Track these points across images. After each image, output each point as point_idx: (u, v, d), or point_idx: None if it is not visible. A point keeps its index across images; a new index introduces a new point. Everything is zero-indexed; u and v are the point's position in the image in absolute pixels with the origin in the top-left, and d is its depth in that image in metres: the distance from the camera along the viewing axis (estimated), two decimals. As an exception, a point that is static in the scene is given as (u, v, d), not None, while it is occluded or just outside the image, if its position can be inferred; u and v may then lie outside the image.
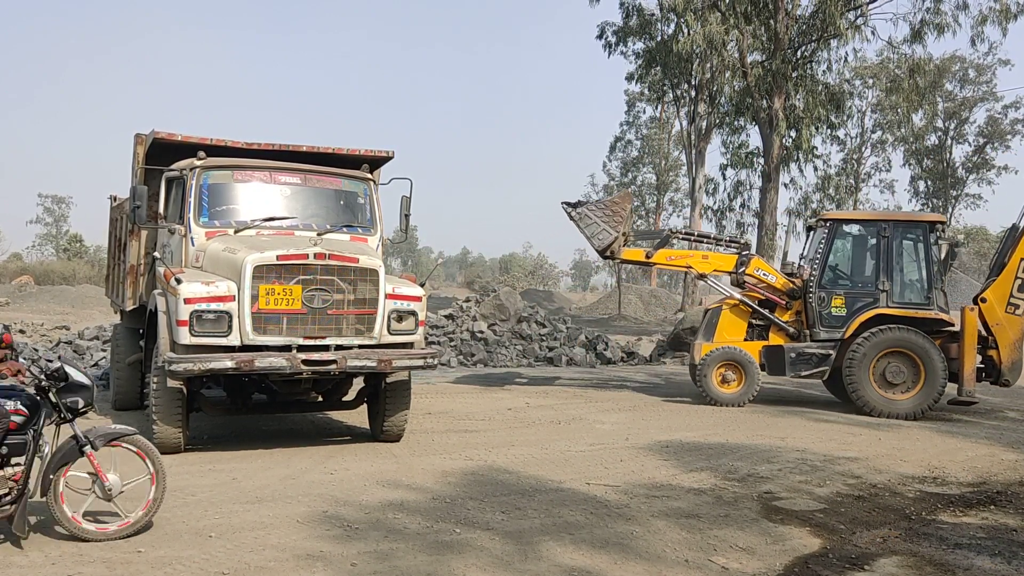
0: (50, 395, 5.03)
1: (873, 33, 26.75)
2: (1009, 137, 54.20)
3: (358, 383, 9.06)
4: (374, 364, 7.58)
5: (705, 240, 13.20)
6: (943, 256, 12.29)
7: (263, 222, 8.30)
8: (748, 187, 35.47)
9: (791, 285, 12.36)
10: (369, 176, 9.04)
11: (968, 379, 11.50)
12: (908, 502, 6.77)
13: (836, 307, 11.97)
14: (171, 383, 7.41)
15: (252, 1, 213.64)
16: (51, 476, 5.00)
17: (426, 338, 9.21)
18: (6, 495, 4.86)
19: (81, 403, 5.14)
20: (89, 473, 5.13)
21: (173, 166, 8.48)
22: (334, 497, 6.30)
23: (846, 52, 31.01)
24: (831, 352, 11.89)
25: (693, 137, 35.76)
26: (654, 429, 10.02)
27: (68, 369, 5.09)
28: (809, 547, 5.53)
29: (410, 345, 8.05)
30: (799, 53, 25.80)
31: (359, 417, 9.47)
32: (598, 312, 41.95)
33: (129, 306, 9.59)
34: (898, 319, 11.67)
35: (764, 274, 12.45)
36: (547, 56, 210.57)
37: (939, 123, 54.72)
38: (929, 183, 56.21)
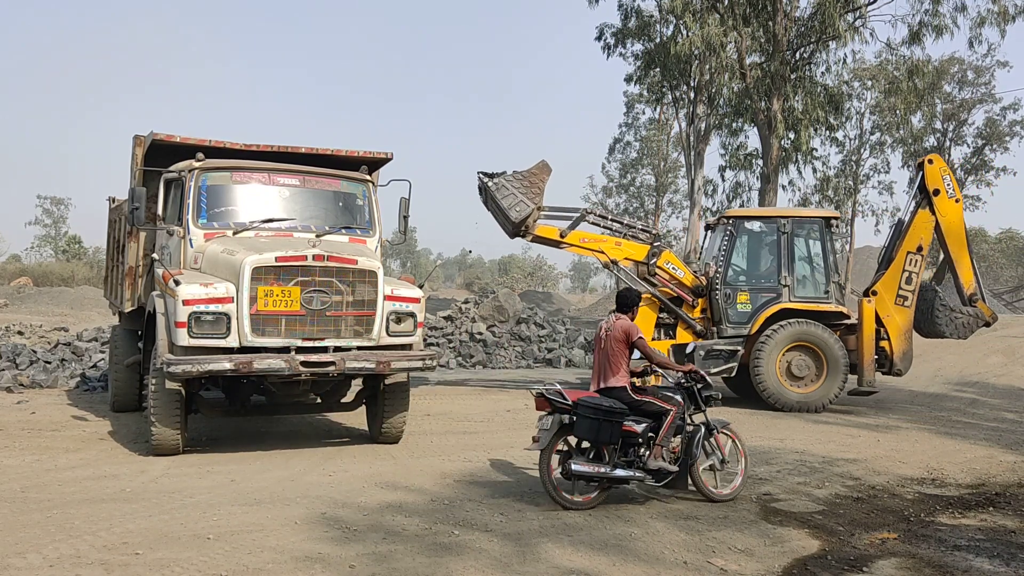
0: (695, 391, 6.62)
1: (872, 35, 26.95)
2: (1008, 139, 54.15)
3: (357, 385, 9.06)
4: (373, 366, 7.57)
5: (619, 225, 12.78)
6: (838, 250, 12.64)
7: (262, 224, 8.29)
8: (747, 189, 35.50)
9: (698, 282, 12.37)
10: (368, 178, 9.03)
11: (868, 369, 11.93)
12: (907, 504, 6.77)
13: (741, 303, 12.11)
14: (169, 385, 7.40)
15: (252, 2, 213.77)
16: (695, 450, 6.48)
17: (425, 339, 9.20)
18: (673, 461, 6.42)
19: (716, 396, 6.77)
20: (712, 449, 6.63)
21: (172, 168, 8.48)
22: (333, 499, 6.29)
23: (845, 54, 31.05)
24: (739, 348, 12.03)
25: (692, 139, 35.76)
26: (653, 431, 10.00)
27: (702, 372, 6.74)
28: (808, 549, 5.52)
29: (409, 347, 8.05)
30: (798, 55, 25.80)
31: (358, 419, 9.46)
32: (597, 313, 41.88)
33: (128, 308, 9.58)
34: (801, 313, 11.96)
35: (674, 268, 12.37)
36: (547, 57, 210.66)
37: (938, 125, 54.69)
38: (928, 184, 56.14)
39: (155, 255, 8.38)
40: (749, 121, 29.10)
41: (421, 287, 8.38)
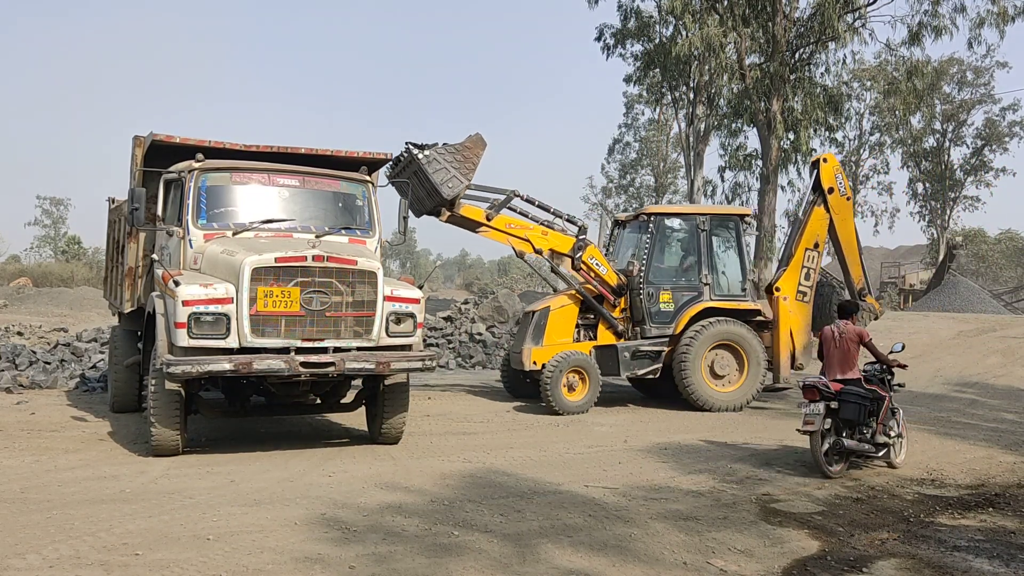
0: (886, 380, 8.13)
1: (871, 36, 26.95)
2: (1007, 139, 54.26)
3: (356, 385, 9.06)
4: (372, 366, 7.57)
5: (547, 212, 12.11)
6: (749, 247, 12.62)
7: (261, 224, 8.29)
8: (747, 189, 35.47)
9: (619, 280, 12.06)
10: (367, 178, 9.03)
11: (784, 366, 12.08)
12: (906, 504, 6.77)
13: (664, 302, 11.93)
14: (169, 385, 7.40)
15: (252, 2, 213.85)
16: (896, 427, 8.09)
17: (424, 340, 9.19)
18: (894, 437, 8.07)
19: (900, 384, 8.46)
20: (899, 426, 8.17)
21: (171, 168, 8.47)
22: (332, 499, 6.29)
23: (844, 54, 31.11)
24: (663, 348, 11.86)
25: (691, 139, 35.77)
26: (652, 431, 10.02)
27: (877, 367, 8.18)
28: (807, 549, 5.53)
29: (408, 347, 8.05)
30: (797, 56, 25.82)
31: (357, 419, 9.46)
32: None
33: (127, 308, 9.58)
34: (721, 311, 11.92)
35: (597, 264, 11.96)
36: (546, 57, 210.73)
37: (937, 125, 54.78)
38: (927, 185, 56.28)
39: (155, 256, 8.37)
40: (748, 122, 29.11)
41: (421, 288, 8.38)
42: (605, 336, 11.95)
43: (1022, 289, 53.83)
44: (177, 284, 7.23)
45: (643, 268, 11.91)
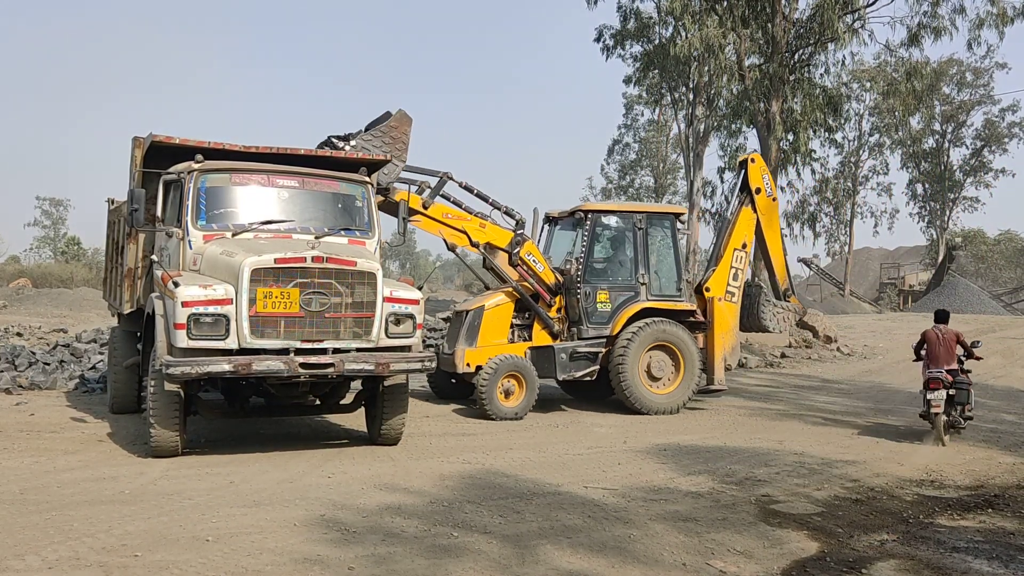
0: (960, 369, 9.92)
1: (871, 37, 26.97)
2: (1006, 140, 54.34)
3: (356, 386, 9.06)
4: (372, 368, 7.57)
5: (484, 203, 11.56)
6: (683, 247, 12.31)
7: (261, 225, 8.29)
8: (746, 190, 35.43)
9: (555, 279, 11.68)
10: (367, 179, 9.03)
11: (718, 368, 11.89)
12: (906, 505, 6.77)
13: (601, 302, 11.52)
14: (168, 386, 7.40)
15: (252, 3, 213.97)
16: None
17: (424, 341, 9.16)
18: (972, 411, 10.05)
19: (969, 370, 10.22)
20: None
21: (171, 169, 8.47)
22: (332, 501, 6.29)
23: (843, 56, 31.00)
24: (600, 350, 11.44)
25: (691, 140, 35.82)
26: (652, 432, 10.02)
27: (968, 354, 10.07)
28: (807, 551, 5.53)
29: (408, 348, 8.05)
30: (796, 57, 25.83)
31: (356, 420, 9.46)
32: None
33: (127, 309, 9.57)
34: (658, 312, 11.63)
35: (535, 261, 11.53)
36: (545, 58, 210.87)
37: (936, 126, 54.86)
38: (927, 186, 56.34)
39: (154, 257, 8.37)
40: (748, 122, 29.12)
41: (420, 288, 8.38)
42: (541, 337, 11.52)
43: (1021, 290, 53.91)
44: (176, 285, 7.22)
45: (580, 267, 11.49)
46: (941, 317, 10.30)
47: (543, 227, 12.57)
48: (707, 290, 12.23)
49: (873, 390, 15.24)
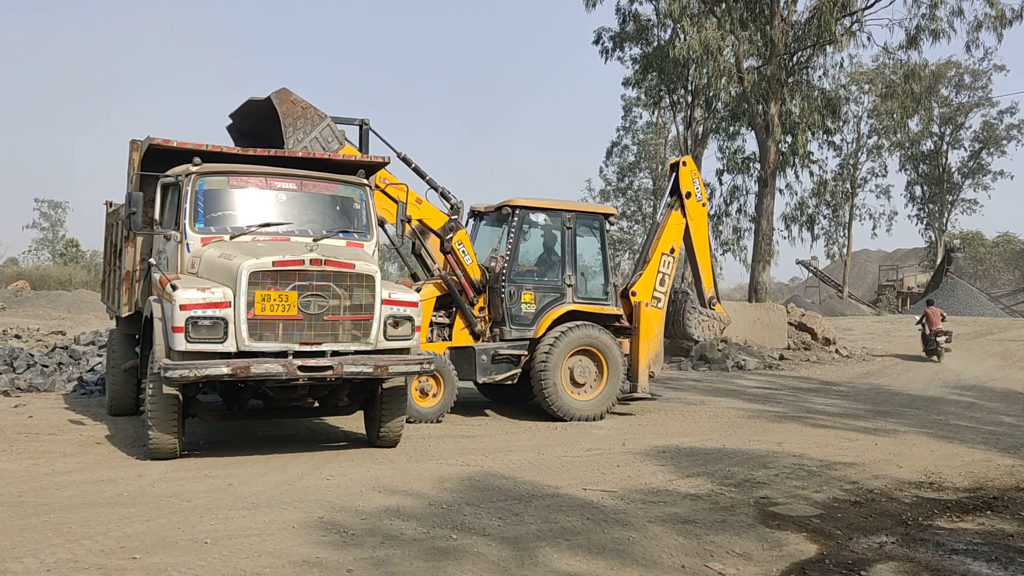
0: None
1: (869, 39, 26.92)
2: (1005, 142, 54.46)
3: (355, 388, 9.05)
4: (370, 370, 7.56)
5: (421, 179, 10.96)
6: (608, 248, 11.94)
7: (259, 228, 8.29)
8: (744, 192, 35.58)
9: (480, 276, 11.11)
10: (365, 182, 9.03)
11: (643, 375, 11.65)
12: (905, 507, 6.77)
13: (526, 303, 11.01)
14: (167, 389, 7.38)
15: (253, 4, 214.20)
16: None
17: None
18: None
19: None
20: None
21: (169, 172, 8.46)
22: (330, 503, 6.28)
23: (842, 58, 31.05)
24: (522, 353, 10.93)
25: (689, 142, 35.87)
26: (651, 434, 10.02)
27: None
28: (806, 553, 5.52)
29: (406, 351, 8.04)
30: (795, 59, 25.89)
31: (355, 423, 9.46)
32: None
33: (125, 312, 9.57)
34: (584, 315, 11.23)
35: (464, 252, 10.94)
36: (544, 59, 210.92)
37: (935, 128, 54.95)
38: (925, 188, 56.41)
39: (152, 259, 8.37)
40: (746, 125, 29.20)
41: (419, 291, 8.38)
42: (461, 337, 10.95)
43: (1020, 292, 53.94)
44: (174, 288, 7.22)
45: (505, 265, 10.94)
46: (931, 302, 18.00)
47: (467, 221, 11.94)
48: (633, 294, 11.90)
49: (872, 392, 15.25)
